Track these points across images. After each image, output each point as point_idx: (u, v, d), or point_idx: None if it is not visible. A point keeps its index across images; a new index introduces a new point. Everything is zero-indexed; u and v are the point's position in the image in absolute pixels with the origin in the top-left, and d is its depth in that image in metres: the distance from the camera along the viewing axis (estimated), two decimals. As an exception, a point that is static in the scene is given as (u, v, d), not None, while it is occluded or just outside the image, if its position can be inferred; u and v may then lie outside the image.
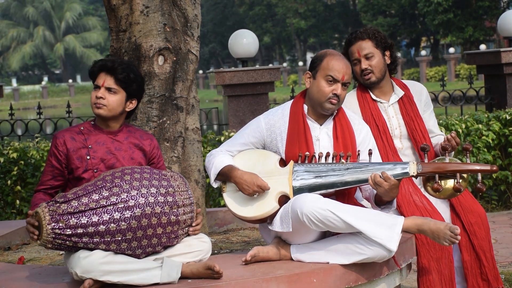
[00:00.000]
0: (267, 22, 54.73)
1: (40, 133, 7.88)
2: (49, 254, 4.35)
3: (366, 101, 4.08)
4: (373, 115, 4.04)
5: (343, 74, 3.56)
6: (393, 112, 4.09)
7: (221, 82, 7.94)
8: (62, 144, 3.40)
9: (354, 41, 4.06)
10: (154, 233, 3.20)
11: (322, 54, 3.65)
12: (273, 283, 3.19)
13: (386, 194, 3.44)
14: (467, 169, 3.44)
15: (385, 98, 4.10)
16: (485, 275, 3.91)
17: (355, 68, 4.06)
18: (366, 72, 4.03)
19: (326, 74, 3.57)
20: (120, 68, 3.42)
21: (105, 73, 3.43)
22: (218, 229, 4.91)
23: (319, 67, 3.61)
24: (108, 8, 4.32)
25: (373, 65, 4.03)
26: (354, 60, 4.05)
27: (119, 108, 3.44)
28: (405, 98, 4.10)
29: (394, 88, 4.12)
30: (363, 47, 4.03)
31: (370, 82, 4.04)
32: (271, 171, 3.57)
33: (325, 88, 3.57)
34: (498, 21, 8.84)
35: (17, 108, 34.92)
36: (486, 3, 38.11)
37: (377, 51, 4.04)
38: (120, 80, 3.41)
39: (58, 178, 3.43)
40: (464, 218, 3.93)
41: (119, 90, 3.43)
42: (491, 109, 8.11)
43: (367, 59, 4.03)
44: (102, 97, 3.40)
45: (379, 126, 4.02)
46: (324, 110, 3.60)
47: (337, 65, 3.57)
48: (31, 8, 64.94)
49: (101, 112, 3.41)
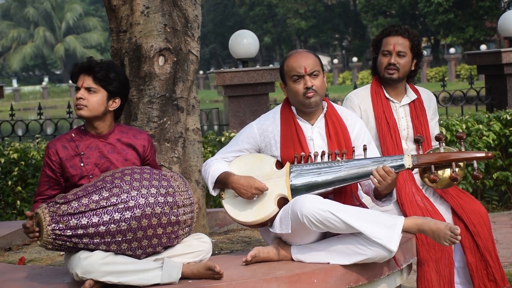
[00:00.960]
0: (268, 22, 54.72)
1: (40, 134, 7.88)
2: (49, 255, 4.35)
3: (379, 98, 4.08)
4: (385, 113, 4.05)
5: (303, 67, 3.57)
6: (403, 113, 4.09)
7: (221, 82, 7.95)
8: (55, 154, 3.40)
9: (394, 34, 4.04)
10: (155, 233, 3.20)
11: (283, 60, 3.69)
12: (274, 283, 3.19)
13: (387, 187, 3.44)
14: (462, 157, 3.44)
15: (397, 98, 4.11)
16: (492, 275, 3.89)
17: (382, 59, 4.06)
18: (392, 67, 4.02)
19: (290, 76, 3.60)
20: (98, 66, 3.39)
21: (84, 73, 3.41)
22: (218, 230, 4.91)
23: (284, 73, 3.66)
24: (109, 8, 4.32)
25: (401, 63, 4.03)
26: (386, 51, 4.04)
27: (101, 108, 3.41)
28: (417, 102, 4.11)
29: (407, 90, 4.13)
30: (400, 43, 4.03)
31: (391, 78, 4.04)
32: (268, 174, 3.57)
33: (297, 88, 3.59)
34: (498, 21, 8.84)
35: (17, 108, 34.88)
36: (486, 4, 38.10)
37: (409, 53, 4.05)
38: (98, 78, 3.38)
39: (54, 187, 3.42)
40: (466, 219, 3.91)
41: (99, 89, 3.40)
42: (491, 109, 8.10)
43: (398, 56, 4.02)
44: (82, 97, 3.38)
45: (389, 124, 4.03)
46: (307, 106, 3.61)
47: (295, 62, 3.59)
48: (32, 9, 64.95)
49: (83, 113, 3.39)
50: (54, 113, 37.83)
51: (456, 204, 3.95)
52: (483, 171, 7.06)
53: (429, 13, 39.18)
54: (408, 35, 4.04)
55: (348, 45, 55.98)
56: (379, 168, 3.41)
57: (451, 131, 6.94)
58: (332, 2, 54.28)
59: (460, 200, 3.96)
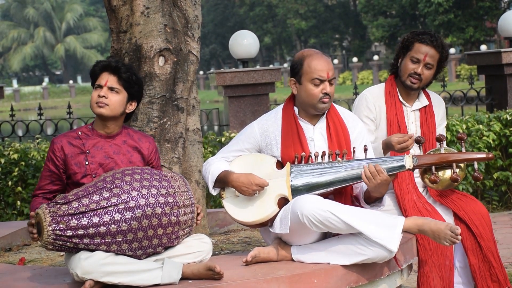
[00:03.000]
0: (268, 22, 54.71)
1: (41, 134, 7.87)
2: (50, 255, 4.35)
3: (393, 99, 4.02)
4: (397, 116, 4.00)
5: (327, 72, 3.55)
6: (413, 118, 4.06)
7: (221, 83, 7.95)
8: (60, 150, 3.40)
9: (429, 44, 3.93)
10: (155, 233, 3.20)
11: (300, 57, 3.60)
12: (274, 283, 3.19)
13: (376, 189, 3.43)
14: (463, 158, 3.44)
15: (409, 102, 4.07)
16: (495, 276, 3.86)
17: (409, 65, 3.95)
18: (416, 77, 3.94)
19: (311, 78, 3.55)
20: (124, 68, 3.43)
21: (108, 72, 3.43)
22: (218, 230, 4.91)
23: (301, 72, 3.58)
24: (109, 9, 4.32)
25: (426, 75, 3.96)
26: (415, 58, 3.94)
27: (120, 109, 3.43)
28: (428, 108, 4.07)
29: (420, 95, 4.09)
30: (431, 54, 3.93)
31: (411, 87, 3.97)
32: (269, 174, 3.57)
33: (314, 91, 3.55)
34: (498, 21, 8.84)
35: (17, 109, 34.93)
36: (486, 4, 38.09)
37: (435, 66, 3.98)
38: (123, 79, 3.42)
39: (56, 183, 3.43)
40: (468, 220, 3.89)
41: (122, 90, 3.43)
42: (491, 109, 8.10)
43: (426, 67, 3.94)
44: (105, 96, 3.40)
45: (401, 128, 3.99)
46: (317, 110, 3.60)
47: (319, 65, 3.55)
48: (32, 9, 64.94)
49: (103, 112, 3.40)
50: (54, 114, 37.84)
51: (457, 207, 3.94)
52: (483, 171, 7.06)
53: (429, 13, 39.16)
54: (440, 48, 3.95)
55: (348, 45, 56.02)
56: (371, 165, 3.40)
57: (451, 131, 6.94)
58: (332, 2, 54.29)
59: (460, 202, 3.94)
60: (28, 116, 35.76)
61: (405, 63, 3.98)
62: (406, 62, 3.98)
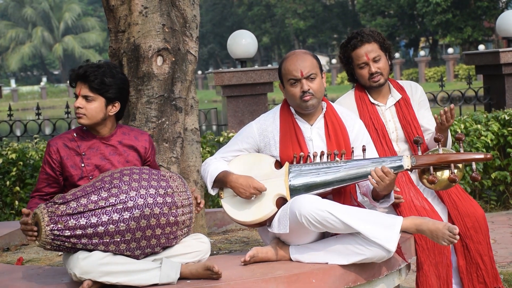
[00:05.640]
0: (266, 22, 54.73)
1: (39, 134, 7.88)
2: (48, 255, 4.35)
3: (364, 103, 4.05)
4: (372, 118, 4.02)
5: (299, 70, 3.56)
6: (390, 116, 4.07)
7: (220, 82, 7.95)
8: (56, 152, 3.39)
9: (360, 45, 4.00)
10: (153, 234, 3.20)
11: (280, 62, 3.67)
12: (272, 283, 3.19)
13: (385, 188, 3.44)
14: (461, 158, 3.44)
15: (382, 101, 4.08)
16: (481, 277, 3.89)
17: (362, 72, 4.02)
18: (376, 75, 3.99)
19: (287, 79, 3.59)
20: (93, 75, 3.34)
21: (80, 81, 3.38)
22: (217, 230, 4.91)
23: (281, 75, 3.65)
24: (107, 8, 4.32)
25: (381, 67, 4.00)
26: (362, 63, 4.00)
27: (100, 115, 3.38)
28: (402, 101, 4.07)
29: (391, 90, 4.10)
30: (370, 50, 3.99)
31: (378, 84, 4.01)
32: (267, 174, 3.57)
33: (293, 91, 3.58)
34: (496, 21, 8.84)
35: (16, 108, 34.93)
36: (484, 4, 38.14)
37: (382, 53, 4.02)
38: (94, 87, 3.35)
39: (53, 185, 3.42)
40: (460, 221, 3.90)
41: (96, 96, 3.36)
42: (490, 109, 8.11)
43: (375, 62, 3.99)
44: (80, 106, 3.36)
45: (378, 129, 4.00)
46: (304, 109, 3.61)
47: (292, 65, 3.57)
48: (30, 9, 64.91)
49: (82, 122, 3.38)
50: (52, 113, 37.81)
51: (451, 206, 3.94)
52: (481, 171, 7.07)
53: (428, 13, 39.20)
54: (373, 38, 4.00)
55: (346, 45, 55.92)
56: (377, 169, 3.40)
57: (450, 131, 6.93)
58: (330, 2, 54.29)
59: (457, 201, 3.95)
60: (26, 116, 35.73)
61: (358, 72, 4.05)
62: (358, 71, 4.04)
